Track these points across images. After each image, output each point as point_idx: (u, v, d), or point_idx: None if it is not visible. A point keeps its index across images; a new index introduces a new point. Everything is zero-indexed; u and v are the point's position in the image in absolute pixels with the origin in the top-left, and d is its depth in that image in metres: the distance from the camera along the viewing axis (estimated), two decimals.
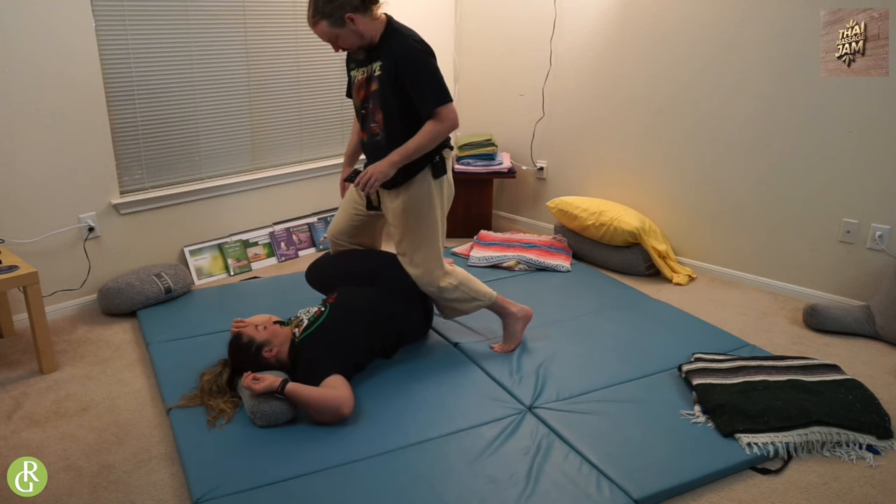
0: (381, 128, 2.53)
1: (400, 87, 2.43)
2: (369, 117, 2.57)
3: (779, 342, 2.96)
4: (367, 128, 2.60)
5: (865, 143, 3.08)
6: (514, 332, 2.80)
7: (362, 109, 2.59)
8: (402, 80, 2.41)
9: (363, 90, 2.55)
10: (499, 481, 2.03)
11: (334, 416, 2.24)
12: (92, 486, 2.07)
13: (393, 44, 2.43)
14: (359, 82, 2.56)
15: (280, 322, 2.57)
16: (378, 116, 2.52)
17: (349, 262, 2.85)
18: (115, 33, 3.15)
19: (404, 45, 2.42)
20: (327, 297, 2.70)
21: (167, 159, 3.47)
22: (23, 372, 2.73)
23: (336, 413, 2.24)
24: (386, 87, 2.45)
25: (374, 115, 2.54)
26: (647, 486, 2.00)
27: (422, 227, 2.61)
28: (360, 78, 2.56)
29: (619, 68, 3.84)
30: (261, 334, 2.41)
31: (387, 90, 2.45)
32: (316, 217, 4.11)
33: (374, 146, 2.58)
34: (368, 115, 2.57)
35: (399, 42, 2.42)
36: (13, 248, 2.96)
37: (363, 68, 2.53)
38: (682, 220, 3.77)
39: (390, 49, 2.43)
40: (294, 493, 1.97)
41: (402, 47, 2.41)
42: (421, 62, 2.41)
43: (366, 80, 2.52)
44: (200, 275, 3.60)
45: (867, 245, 3.16)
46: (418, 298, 2.74)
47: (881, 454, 2.21)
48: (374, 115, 2.53)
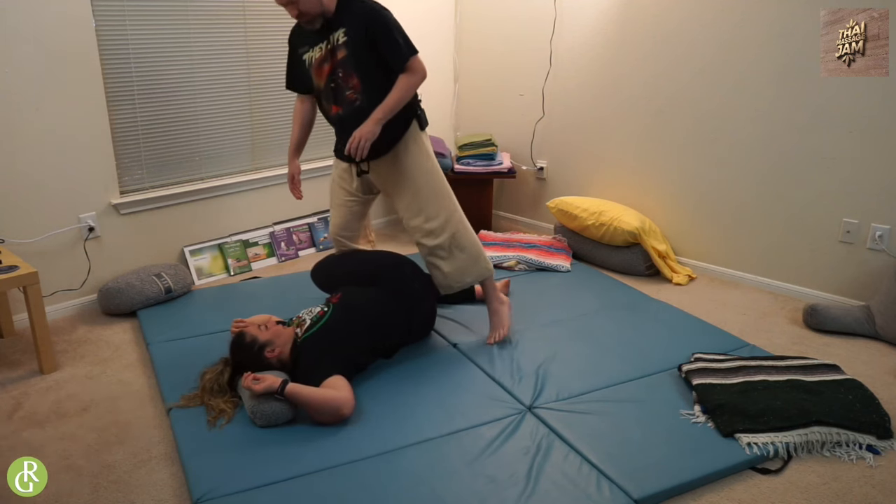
0: (359, 91, 2.54)
1: (371, 47, 2.48)
2: (341, 88, 2.56)
3: (779, 342, 2.96)
4: (341, 99, 2.58)
5: (865, 143, 3.08)
6: (502, 317, 2.82)
7: (331, 83, 2.58)
8: (374, 39, 2.46)
9: (327, 63, 2.55)
10: (499, 481, 2.03)
11: (334, 416, 2.24)
12: (92, 486, 2.07)
13: (353, 8, 2.48)
14: (318, 59, 2.57)
15: (281, 322, 2.58)
16: (353, 82, 2.53)
17: (353, 262, 2.85)
18: (115, 33, 3.15)
19: (365, 6, 2.49)
20: (330, 297, 2.70)
21: (167, 159, 3.47)
22: (23, 372, 2.73)
23: (336, 414, 2.24)
24: (358, 49, 2.49)
25: (347, 82, 2.54)
26: (647, 486, 2.00)
27: (431, 178, 2.69)
28: (318, 55, 2.56)
29: (619, 68, 3.84)
30: (263, 334, 2.41)
31: (360, 52, 2.49)
32: (316, 217, 4.11)
33: (355, 113, 2.57)
34: (340, 86, 2.56)
35: (358, 5, 2.49)
36: (13, 248, 2.96)
37: (320, 45, 2.54)
38: (682, 220, 3.77)
39: (351, 14, 2.48)
40: (294, 493, 1.97)
41: (365, 9, 2.48)
42: (387, 20, 2.49)
43: (329, 52, 2.53)
44: (200, 275, 3.61)
45: (867, 245, 3.16)
46: (421, 299, 2.74)
47: (881, 454, 2.21)
48: (348, 81, 2.54)
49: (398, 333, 2.66)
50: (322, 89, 2.63)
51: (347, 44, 2.49)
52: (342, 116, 2.62)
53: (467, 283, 2.79)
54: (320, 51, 2.55)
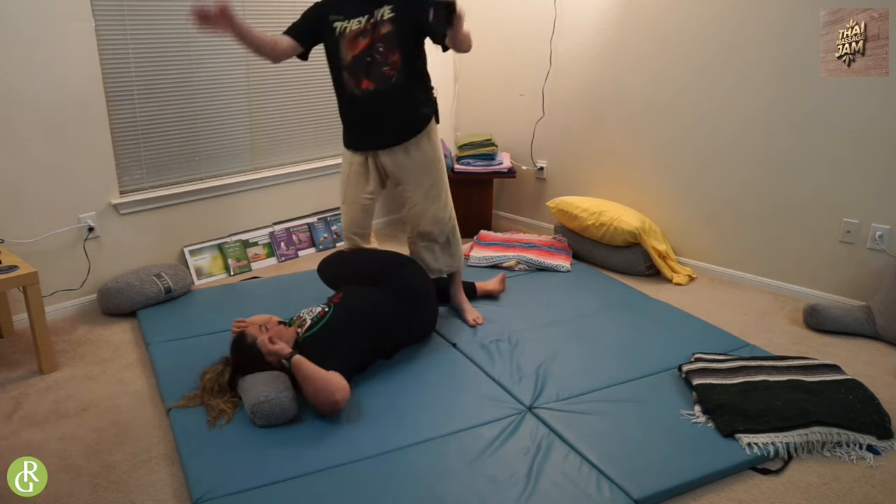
0: (397, 69, 2.60)
1: (416, 27, 2.55)
2: (378, 63, 2.58)
3: (779, 342, 2.96)
4: (376, 74, 2.60)
5: (865, 143, 3.08)
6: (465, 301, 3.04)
7: (366, 57, 2.58)
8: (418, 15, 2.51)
9: (365, 38, 2.56)
10: (499, 481, 2.03)
11: (329, 400, 2.24)
12: (92, 486, 2.07)
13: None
14: (354, 31, 2.56)
15: (282, 322, 2.57)
16: (394, 58, 2.58)
17: (358, 262, 2.86)
18: (115, 33, 3.15)
19: None
20: (331, 297, 2.70)
21: (167, 159, 3.47)
22: (23, 372, 2.73)
23: (331, 398, 2.24)
24: (405, 27, 2.55)
25: (387, 58, 2.58)
26: (647, 486, 2.00)
27: (442, 170, 2.83)
28: (354, 27, 2.56)
29: (619, 68, 3.84)
30: (264, 336, 2.41)
31: (406, 30, 2.56)
32: (316, 217, 4.11)
33: (389, 90, 2.61)
34: (376, 61, 2.58)
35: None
36: (13, 248, 2.96)
37: (359, 17, 2.55)
38: (682, 220, 3.77)
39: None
40: (294, 493, 1.97)
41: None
42: None
43: (370, 25, 2.54)
44: (200, 275, 3.61)
45: (867, 245, 3.16)
46: (423, 301, 2.74)
47: (881, 454, 2.21)
48: (388, 57, 2.58)
49: (398, 334, 2.66)
50: (348, 62, 2.61)
51: (394, 20, 2.53)
52: (372, 92, 2.62)
53: (455, 268, 2.99)
54: (359, 24, 2.55)
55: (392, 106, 2.64)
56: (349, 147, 2.83)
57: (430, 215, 2.81)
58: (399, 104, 2.65)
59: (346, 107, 2.74)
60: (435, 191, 2.80)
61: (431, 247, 2.88)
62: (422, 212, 2.81)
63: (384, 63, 2.58)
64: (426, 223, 2.82)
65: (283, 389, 2.28)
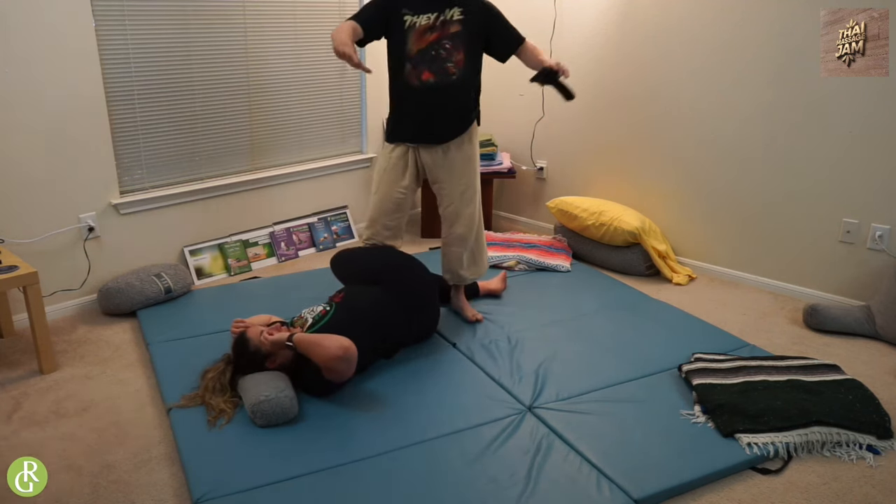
0: (459, 68, 2.70)
1: (482, 33, 2.72)
2: (441, 59, 2.67)
3: (779, 342, 2.96)
4: (439, 68, 2.68)
5: (865, 143, 3.08)
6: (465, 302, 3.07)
7: (431, 51, 2.66)
8: (489, 27, 2.73)
9: (435, 32, 2.65)
10: (499, 481, 2.03)
11: (339, 347, 2.27)
12: (92, 486, 2.07)
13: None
14: (424, 26, 2.65)
15: (282, 322, 2.57)
16: (458, 56, 2.68)
17: (363, 260, 2.86)
18: (115, 33, 3.15)
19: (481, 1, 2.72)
20: (332, 295, 2.70)
21: (167, 159, 3.47)
22: (23, 372, 2.73)
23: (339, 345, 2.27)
24: (473, 30, 2.69)
25: (451, 55, 2.68)
26: (647, 486, 2.00)
27: (478, 173, 2.90)
28: (423, 23, 2.65)
29: (618, 68, 3.84)
30: (266, 340, 2.41)
31: (473, 34, 2.70)
32: (316, 217, 4.11)
33: (447, 85, 2.71)
34: (440, 56, 2.67)
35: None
36: (13, 248, 2.96)
37: (430, 14, 2.64)
38: (682, 220, 3.77)
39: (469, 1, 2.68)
40: (294, 493, 1.97)
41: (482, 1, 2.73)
42: (498, 10, 2.77)
43: (439, 22, 2.64)
44: (200, 275, 3.61)
45: (867, 245, 3.16)
46: (425, 303, 2.75)
47: (881, 454, 2.21)
48: (453, 55, 2.68)
49: (399, 334, 2.66)
50: (414, 54, 2.68)
51: (463, 22, 2.65)
52: (432, 84, 2.69)
53: (479, 276, 3.04)
54: (428, 20, 2.65)
55: (446, 101, 2.74)
56: (393, 140, 2.86)
57: (465, 216, 2.86)
58: (453, 101, 2.75)
59: (400, 97, 2.79)
60: (470, 192, 2.85)
61: (461, 253, 2.92)
62: (457, 211, 2.86)
63: (448, 59, 2.68)
64: (461, 224, 2.87)
65: (283, 389, 2.28)
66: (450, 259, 2.95)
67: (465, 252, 2.93)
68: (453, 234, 2.90)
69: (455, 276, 2.99)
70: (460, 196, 2.85)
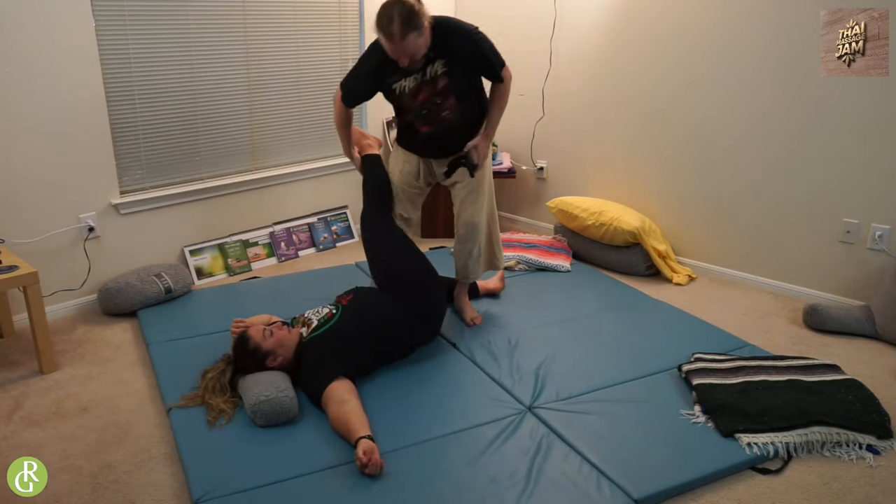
0: (454, 113, 2.68)
1: (468, 72, 2.64)
2: (437, 111, 2.67)
3: (779, 342, 2.96)
4: (435, 119, 2.69)
5: (865, 143, 3.08)
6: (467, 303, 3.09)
7: (423, 110, 2.67)
8: (473, 64, 2.62)
9: (425, 92, 2.63)
10: (499, 481, 2.03)
11: None
12: (92, 486, 2.07)
13: (449, 40, 2.54)
14: (413, 89, 2.63)
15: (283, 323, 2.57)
16: (450, 102, 2.66)
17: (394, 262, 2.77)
18: (115, 33, 3.15)
19: (461, 36, 2.56)
20: (340, 295, 2.69)
21: (167, 159, 3.47)
22: (23, 372, 2.73)
23: None
24: (459, 78, 2.62)
25: (444, 104, 2.66)
26: (647, 486, 2.00)
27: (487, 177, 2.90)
28: (412, 85, 2.62)
29: (619, 68, 3.84)
30: (267, 342, 2.41)
31: (460, 80, 2.63)
32: (316, 217, 4.11)
33: (445, 129, 2.71)
34: (434, 110, 2.66)
35: (453, 35, 2.55)
36: (13, 248, 2.96)
37: (414, 74, 2.59)
38: (682, 220, 3.77)
39: (448, 45, 2.54)
40: (294, 493, 1.97)
41: (461, 39, 2.56)
42: (480, 43, 2.59)
43: (428, 81, 2.60)
44: (200, 275, 3.61)
45: (867, 245, 3.16)
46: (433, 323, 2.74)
47: (881, 454, 2.21)
48: (445, 104, 2.66)
49: (398, 344, 2.64)
50: (412, 110, 2.70)
51: (448, 73, 2.59)
52: (432, 133, 2.74)
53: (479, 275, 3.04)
54: (414, 80, 2.61)
55: (449, 140, 2.75)
56: (405, 149, 2.90)
57: (465, 216, 2.87)
58: (455, 136, 2.74)
59: (406, 131, 2.82)
60: (474, 195, 2.84)
61: (472, 250, 2.92)
62: (461, 211, 2.88)
63: (441, 110, 2.67)
64: (462, 223, 2.88)
65: (283, 389, 2.28)
66: (461, 256, 2.96)
67: (475, 249, 2.93)
68: (465, 233, 2.90)
69: (464, 274, 2.99)
70: (466, 197, 2.85)
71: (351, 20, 3.99)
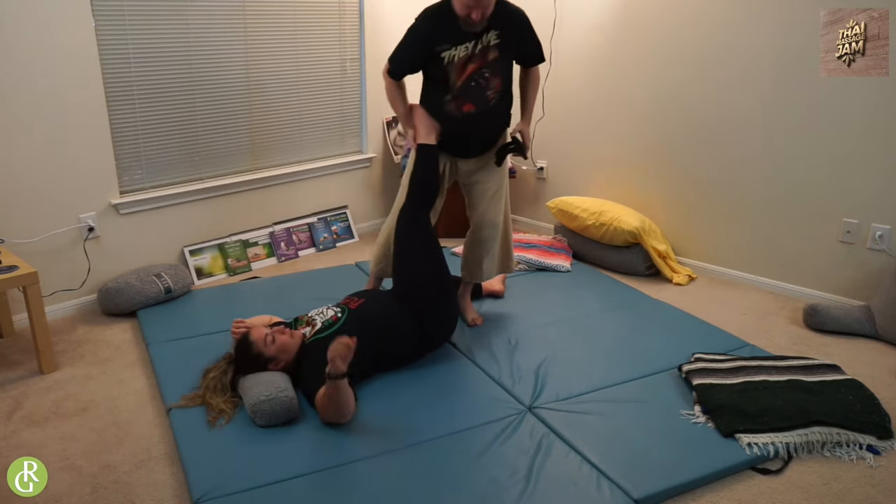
0: (497, 92, 2.65)
1: (516, 49, 2.64)
2: (482, 88, 2.62)
3: (779, 342, 2.96)
4: (479, 98, 2.63)
5: (865, 143, 3.08)
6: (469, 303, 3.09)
7: (472, 82, 2.60)
8: (522, 41, 2.63)
9: (475, 62, 2.57)
10: (499, 481, 2.03)
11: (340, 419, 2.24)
12: (92, 486, 2.07)
13: (506, 10, 2.58)
14: (463, 58, 2.56)
15: (283, 323, 2.57)
16: (496, 83, 2.62)
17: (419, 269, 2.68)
18: (115, 33, 3.15)
19: (515, 9, 2.62)
20: (350, 296, 2.66)
21: (167, 159, 3.47)
22: (23, 372, 2.73)
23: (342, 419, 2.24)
24: (508, 52, 2.60)
25: (490, 83, 2.62)
26: (647, 486, 2.00)
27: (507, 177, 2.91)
28: (462, 54, 2.56)
29: (619, 68, 3.84)
30: (269, 349, 2.40)
31: (507, 57, 2.61)
32: (316, 217, 4.11)
33: (487, 113, 2.67)
34: (481, 86, 2.61)
35: (510, 8, 2.60)
36: (13, 248, 2.96)
37: (465, 44, 2.55)
38: (682, 220, 3.77)
39: (505, 16, 2.56)
40: (294, 493, 1.97)
41: (516, 12, 2.61)
42: (529, 21, 2.66)
43: (479, 51, 2.56)
44: (200, 275, 3.60)
45: (867, 245, 3.16)
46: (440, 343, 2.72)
47: (881, 454, 2.21)
48: (491, 83, 2.62)
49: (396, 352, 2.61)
50: (456, 88, 2.62)
51: (500, 46, 2.56)
52: (473, 115, 2.66)
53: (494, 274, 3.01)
54: (465, 50, 2.56)
55: (485, 126, 2.73)
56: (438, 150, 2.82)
57: (489, 216, 2.84)
58: (491, 125, 2.73)
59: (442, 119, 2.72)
60: (498, 195, 2.84)
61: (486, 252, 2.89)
62: (484, 212, 2.85)
63: (487, 88, 2.63)
64: (486, 224, 2.85)
65: (283, 389, 2.28)
66: (476, 257, 2.92)
67: (493, 249, 2.91)
68: (488, 233, 2.86)
69: (476, 275, 2.96)
70: (492, 197, 2.83)
71: (351, 20, 3.99)
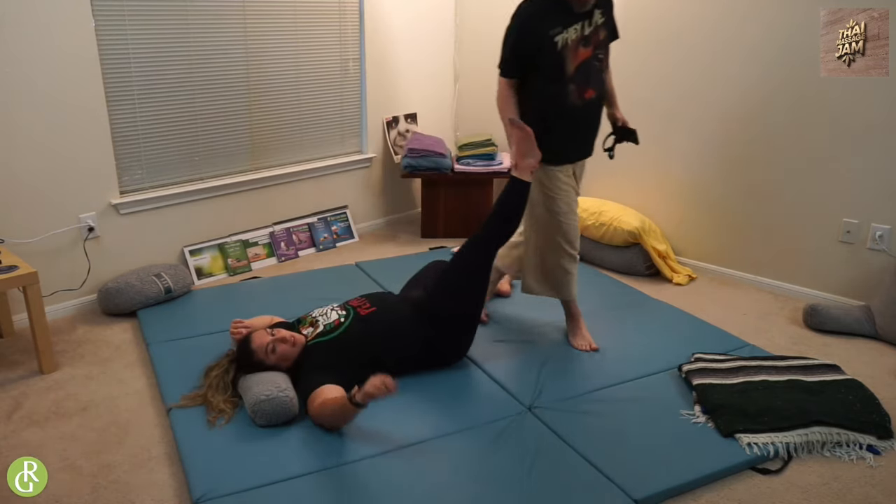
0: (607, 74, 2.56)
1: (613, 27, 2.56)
2: (597, 71, 2.49)
3: (779, 342, 2.96)
4: (597, 82, 2.50)
5: (865, 143, 3.08)
6: None
7: (588, 66, 2.46)
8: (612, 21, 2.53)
9: (589, 45, 2.44)
10: (499, 481, 2.03)
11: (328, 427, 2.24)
12: (92, 486, 2.07)
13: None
14: (575, 40, 2.42)
15: (283, 324, 2.56)
16: (607, 62, 2.53)
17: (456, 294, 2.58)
18: (115, 33, 3.15)
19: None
20: (360, 300, 2.59)
21: (167, 159, 3.47)
22: (23, 372, 2.73)
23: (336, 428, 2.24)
24: (610, 33, 2.53)
25: (603, 63, 2.53)
26: (647, 486, 2.00)
27: None
28: (573, 37, 2.42)
29: (618, 68, 3.82)
30: (270, 358, 2.38)
31: (610, 37, 2.54)
32: (316, 217, 4.11)
33: (602, 97, 2.57)
34: (595, 69, 2.48)
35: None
36: (13, 248, 2.96)
37: (575, 25, 2.41)
38: (682, 220, 3.77)
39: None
40: (294, 493, 1.97)
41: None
42: None
43: (591, 32, 2.44)
44: (200, 275, 3.60)
45: (867, 245, 3.16)
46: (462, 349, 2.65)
47: (881, 454, 2.21)
48: (604, 62, 2.53)
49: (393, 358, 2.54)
50: (572, 73, 2.46)
51: (605, 24, 2.49)
52: (593, 100, 2.52)
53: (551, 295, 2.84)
54: (576, 32, 2.41)
55: (599, 114, 2.61)
56: (562, 162, 2.63)
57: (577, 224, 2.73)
58: (601, 110, 2.61)
59: (558, 120, 2.55)
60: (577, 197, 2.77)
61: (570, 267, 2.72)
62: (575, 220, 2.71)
63: (602, 70, 2.53)
64: None
65: (283, 389, 2.28)
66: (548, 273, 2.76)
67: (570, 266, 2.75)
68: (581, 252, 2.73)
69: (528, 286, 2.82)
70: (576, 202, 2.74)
71: (351, 20, 3.99)
